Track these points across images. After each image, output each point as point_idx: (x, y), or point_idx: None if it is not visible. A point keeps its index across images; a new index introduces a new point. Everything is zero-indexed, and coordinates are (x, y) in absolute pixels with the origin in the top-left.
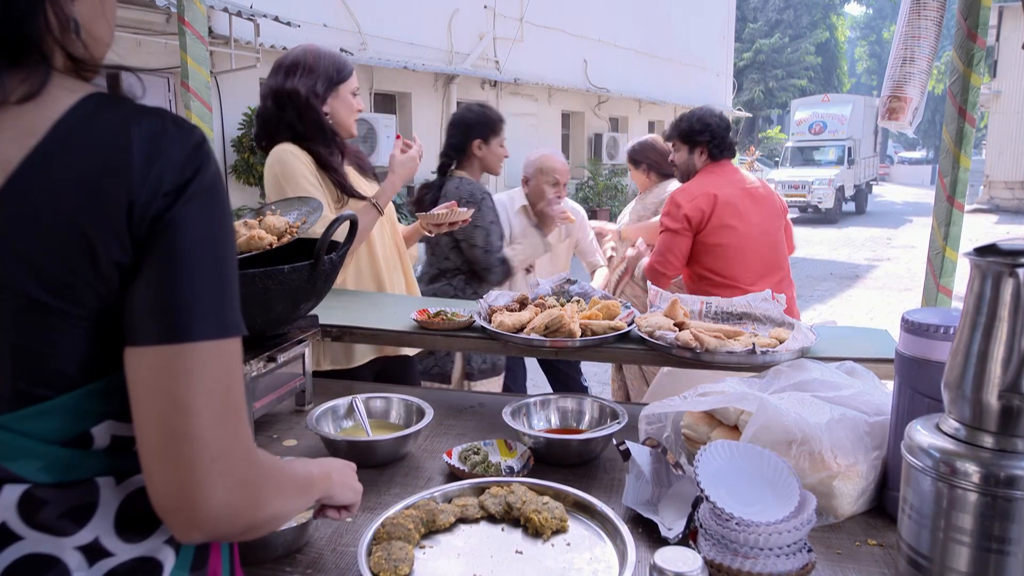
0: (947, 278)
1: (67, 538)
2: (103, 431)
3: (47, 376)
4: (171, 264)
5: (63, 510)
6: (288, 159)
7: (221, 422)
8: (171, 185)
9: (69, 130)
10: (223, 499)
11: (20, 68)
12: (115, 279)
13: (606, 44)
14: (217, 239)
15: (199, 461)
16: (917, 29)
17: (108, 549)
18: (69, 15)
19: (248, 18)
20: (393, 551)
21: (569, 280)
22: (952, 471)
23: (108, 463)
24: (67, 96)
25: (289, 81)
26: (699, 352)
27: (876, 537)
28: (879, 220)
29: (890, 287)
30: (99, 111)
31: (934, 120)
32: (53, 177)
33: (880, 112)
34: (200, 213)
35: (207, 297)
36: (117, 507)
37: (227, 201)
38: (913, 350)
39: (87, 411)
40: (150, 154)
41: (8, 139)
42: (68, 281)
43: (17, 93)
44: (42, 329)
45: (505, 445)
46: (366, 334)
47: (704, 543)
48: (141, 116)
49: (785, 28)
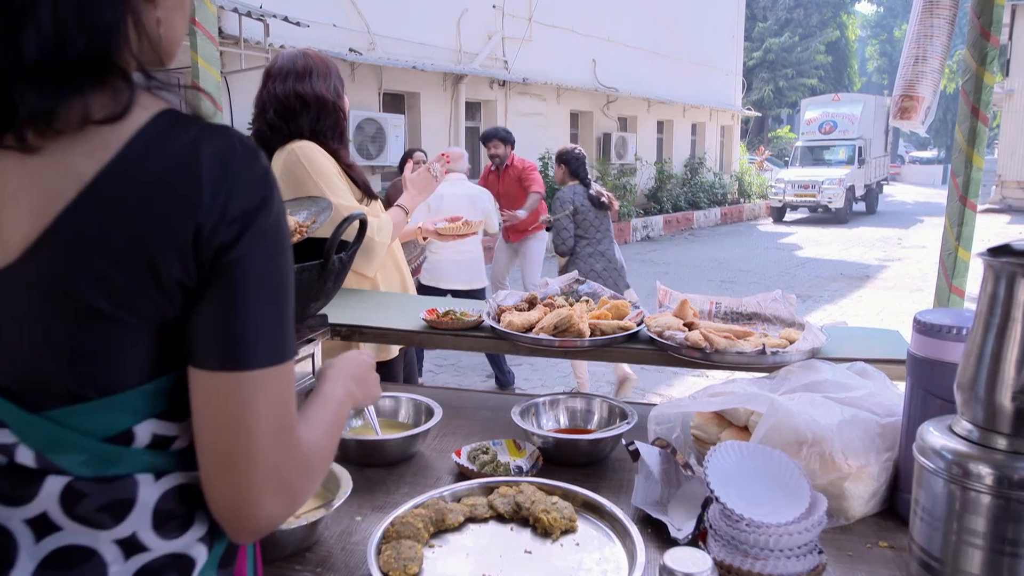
0: (959, 279)
1: (104, 531)
2: (145, 429)
3: (98, 378)
4: (236, 296)
5: (102, 504)
6: (317, 156)
7: (276, 438)
8: (238, 211)
9: (141, 147)
10: (274, 508)
11: (105, 87)
12: (178, 296)
13: (615, 43)
14: (279, 272)
15: (255, 476)
16: (930, 28)
17: (145, 544)
18: (151, 24)
19: (258, 18)
20: (402, 550)
21: (578, 280)
22: (965, 473)
23: (148, 460)
24: (141, 112)
25: (304, 85)
26: (709, 352)
27: (887, 539)
28: (890, 220)
29: (901, 288)
30: (170, 129)
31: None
32: (122, 195)
33: (892, 111)
34: (264, 249)
35: (268, 328)
36: (155, 503)
37: (287, 230)
38: (925, 351)
39: (132, 409)
40: (218, 177)
41: (84, 152)
42: (129, 293)
43: (101, 113)
44: (99, 335)
45: (514, 445)
46: (375, 333)
47: (714, 544)
48: (211, 137)
49: (795, 27)
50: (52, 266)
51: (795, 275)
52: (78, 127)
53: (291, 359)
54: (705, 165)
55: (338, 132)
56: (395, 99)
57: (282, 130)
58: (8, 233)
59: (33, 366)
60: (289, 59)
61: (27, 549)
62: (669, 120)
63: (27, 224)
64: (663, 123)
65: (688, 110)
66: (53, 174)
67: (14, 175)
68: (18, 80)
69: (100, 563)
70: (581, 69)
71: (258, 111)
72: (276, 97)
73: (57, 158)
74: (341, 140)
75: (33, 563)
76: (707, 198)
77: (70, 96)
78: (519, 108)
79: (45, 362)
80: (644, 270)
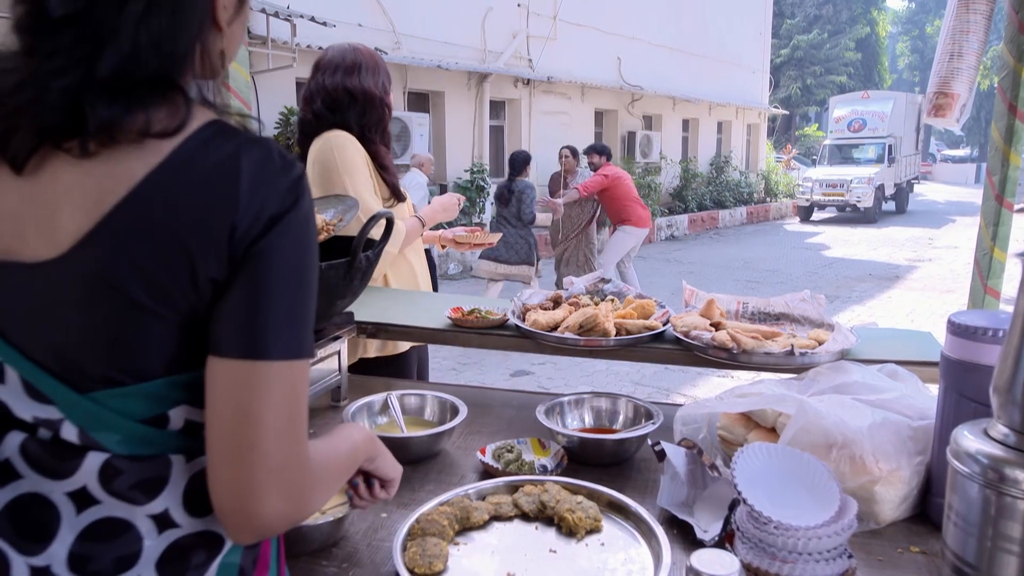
0: (995, 279)
1: (139, 507)
2: (178, 414)
3: (134, 367)
4: (260, 287)
5: (136, 480)
6: (351, 149)
7: (284, 435)
8: (271, 212)
9: (188, 153)
10: (277, 507)
11: (166, 103)
12: (208, 291)
13: (640, 41)
14: (302, 268)
15: (260, 469)
16: (966, 23)
17: (176, 520)
18: (216, 52)
19: (285, 18)
20: (428, 547)
21: (603, 279)
22: (1001, 478)
23: (180, 442)
24: (191, 122)
25: (352, 79)
26: (736, 353)
27: (919, 544)
28: (920, 220)
29: (932, 289)
30: (216, 138)
31: (978, 117)
32: (168, 195)
33: (926, 109)
34: (292, 243)
35: (287, 321)
36: (186, 483)
37: (315, 233)
38: (960, 353)
39: (165, 396)
40: (256, 182)
41: (136, 156)
42: (168, 289)
43: (159, 126)
44: (137, 327)
45: (539, 444)
46: (401, 331)
47: (741, 546)
48: (252, 146)
49: (824, 24)
50: (99, 259)
51: (822, 275)
52: (136, 138)
53: (307, 358)
54: (731, 164)
55: (381, 128)
56: (420, 98)
57: (328, 120)
58: (60, 226)
59: (75, 350)
60: (339, 53)
61: (69, 520)
62: (695, 118)
63: (80, 219)
64: (688, 121)
65: (714, 108)
66: (106, 174)
67: (69, 174)
68: (90, 94)
69: (136, 536)
70: (606, 67)
71: (305, 101)
72: (324, 89)
73: (113, 161)
74: (383, 137)
75: (73, 534)
76: (733, 197)
77: (135, 110)
78: (543, 107)
79: (86, 348)
80: (669, 269)
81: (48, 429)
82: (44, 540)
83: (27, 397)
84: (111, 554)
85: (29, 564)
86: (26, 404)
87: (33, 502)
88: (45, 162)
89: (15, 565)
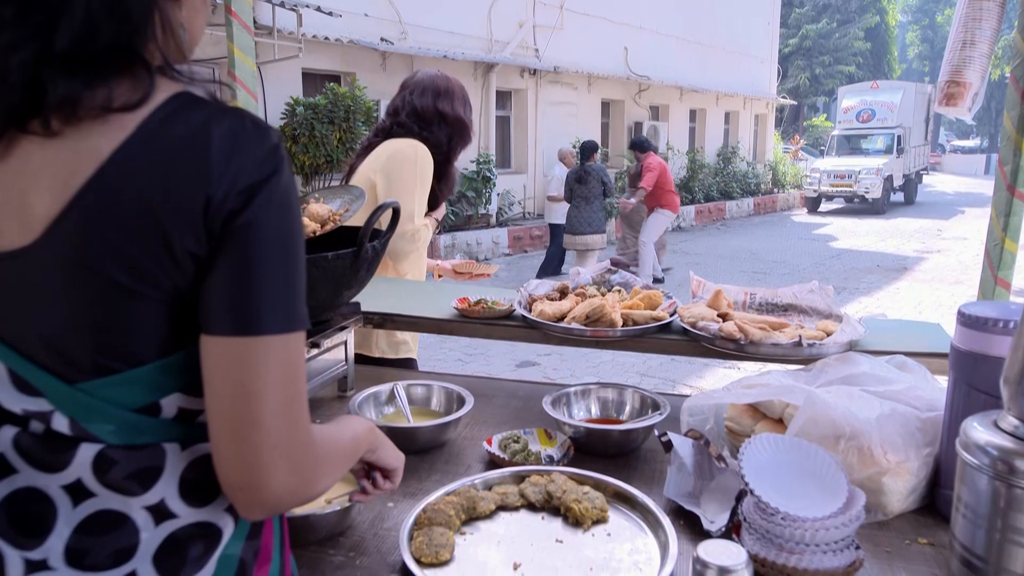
0: (1006, 271)
1: (135, 498)
2: (171, 402)
3: (123, 351)
4: (245, 262)
5: (130, 471)
6: (428, 166)
7: (284, 410)
8: (247, 183)
9: (155, 126)
10: (283, 481)
11: (127, 76)
12: (190, 267)
13: (647, 31)
14: (288, 239)
15: (263, 445)
16: (978, 11)
17: (173, 511)
18: (175, 23)
19: (291, 8)
20: (434, 536)
21: (610, 270)
22: (1011, 470)
23: (174, 430)
24: (157, 95)
25: (444, 103)
26: (743, 344)
27: (927, 536)
28: (929, 211)
29: (940, 280)
30: (183, 109)
31: (989, 107)
32: (136, 169)
33: (937, 98)
34: (273, 214)
35: (277, 294)
36: (181, 472)
37: (298, 202)
38: (970, 344)
39: (157, 384)
40: (228, 152)
41: (101, 132)
42: (147, 267)
43: (121, 100)
44: (121, 308)
45: (545, 434)
46: (407, 321)
47: (748, 537)
48: (222, 116)
49: (833, 13)
50: (73, 241)
51: (830, 266)
52: (99, 113)
53: (301, 329)
54: (738, 154)
55: (461, 150)
56: None
57: (413, 132)
58: (32, 212)
59: (63, 339)
60: (429, 77)
61: (65, 514)
62: (702, 109)
63: (48, 202)
64: (695, 111)
65: (721, 98)
66: (73, 154)
67: (36, 157)
68: (49, 68)
69: (132, 528)
70: (612, 57)
71: (391, 111)
72: (414, 106)
73: (78, 139)
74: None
75: (70, 527)
76: (740, 188)
77: (96, 84)
78: (550, 97)
79: (73, 336)
80: (676, 260)
81: (40, 421)
82: (40, 535)
83: (15, 390)
84: (108, 547)
85: (25, 558)
86: (15, 397)
87: (29, 497)
88: (13, 146)
89: (10, 561)
